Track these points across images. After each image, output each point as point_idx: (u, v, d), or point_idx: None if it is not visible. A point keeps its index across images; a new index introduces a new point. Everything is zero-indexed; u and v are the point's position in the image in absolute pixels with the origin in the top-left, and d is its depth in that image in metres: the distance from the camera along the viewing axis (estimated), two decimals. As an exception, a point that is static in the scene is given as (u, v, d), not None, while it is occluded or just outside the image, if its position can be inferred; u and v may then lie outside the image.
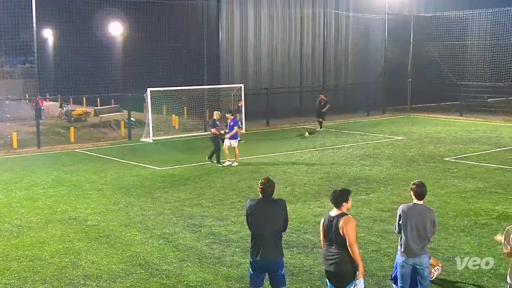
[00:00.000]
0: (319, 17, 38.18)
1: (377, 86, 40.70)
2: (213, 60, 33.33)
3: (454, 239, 12.62)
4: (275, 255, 8.19)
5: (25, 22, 27.56)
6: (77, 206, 15.54)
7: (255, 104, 33.20)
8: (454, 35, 40.22)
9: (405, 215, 8.62)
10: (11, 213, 14.88)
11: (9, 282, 10.32)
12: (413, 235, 8.52)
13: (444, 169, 20.27)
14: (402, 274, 8.77)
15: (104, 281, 10.34)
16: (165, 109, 33.04)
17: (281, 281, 8.26)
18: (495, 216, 14.43)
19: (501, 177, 18.93)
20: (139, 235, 13.00)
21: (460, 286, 10.14)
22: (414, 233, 8.52)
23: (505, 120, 34.96)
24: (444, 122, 34.76)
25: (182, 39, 35.80)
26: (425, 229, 8.53)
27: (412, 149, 24.63)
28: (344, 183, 18.14)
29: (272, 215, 8.15)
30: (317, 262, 11.19)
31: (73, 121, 33.43)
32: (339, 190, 8.12)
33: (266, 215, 8.15)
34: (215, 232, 13.16)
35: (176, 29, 36.44)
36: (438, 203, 15.64)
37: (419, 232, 8.52)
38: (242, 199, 16.04)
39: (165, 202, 15.89)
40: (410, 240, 8.52)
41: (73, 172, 20.31)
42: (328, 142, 26.86)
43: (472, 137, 28.26)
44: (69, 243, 12.50)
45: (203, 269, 10.93)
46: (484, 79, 39.87)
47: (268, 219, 8.15)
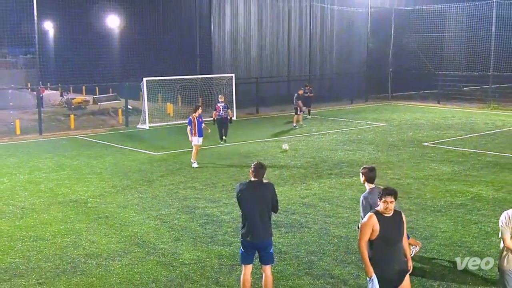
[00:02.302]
0: (305, 10, 38.09)
1: (360, 76, 40.76)
2: (205, 51, 33.22)
3: (431, 219, 12.71)
4: (265, 236, 8.21)
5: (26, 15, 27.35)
6: (77, 189, 15.51)
7: (245, 92, 33.24)
8: (432, 28, 40.30)
9: (367, 201, 8.65)
10: (15, 196, 14.84)
11: (14, 261, 10.31)
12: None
13: (423, 154, 20.36)
14: None
15: (104, 260, 10.35)
16: (160, 97, 32.96)
17: (269, 259, 8.32)
18: (469, 197, 14.53)
19: (475, 161, 19.04)
20: (136, 216, 13.00)
21: (437, 262, 10.21)
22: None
23: (479, 108, 35.12)
24: (422, 109, 34.88)
25: (176, 31, 35.67)
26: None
27: (393, 135, 24.72)
28: (329, 167, 18.22)
29: (261, 198, 8.14)
30: (303, 241, 11.26)
31: (73, 109, 33.32)
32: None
33: (256, 198, 8.16)
34: (208, 213, 13.18)
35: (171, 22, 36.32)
36: (416, 185, 15.73)
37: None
38: (233, 182, 16.06)
39: (161, 185, 15.89)
40: None
41: (74, 157, 20.25)
42: (314, 129, 26.90)
43: (449, 124, 28.39)
44: (70, 224, 12.50)
45: (197, 247, 10.95)
46: (460, 69, 40.03)
47: (258, 201, 8.15)
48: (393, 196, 7.15)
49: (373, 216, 7.19)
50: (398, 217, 7.27)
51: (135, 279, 9.48)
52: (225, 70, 33.74)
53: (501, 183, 15.75)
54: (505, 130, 26.13)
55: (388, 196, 7.13)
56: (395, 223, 7.21)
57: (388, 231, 7.14)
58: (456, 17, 41.04)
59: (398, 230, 7.21)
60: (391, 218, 7.20)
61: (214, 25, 33.91)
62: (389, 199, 7.13)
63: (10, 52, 51.87)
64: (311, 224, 12.37)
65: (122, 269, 9.91)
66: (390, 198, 7.14)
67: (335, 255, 10.54)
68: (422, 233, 11.68)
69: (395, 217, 7.24)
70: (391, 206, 7.13)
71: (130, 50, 39.01)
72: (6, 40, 35.66)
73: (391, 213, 7.19)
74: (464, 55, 40.93)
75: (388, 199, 7.13)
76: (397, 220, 7.23)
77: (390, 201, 7.12)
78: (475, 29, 38.75)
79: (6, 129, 26.59)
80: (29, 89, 37.33)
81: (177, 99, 33.52)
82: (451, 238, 11.41)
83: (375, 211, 7.23)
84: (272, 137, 24.55)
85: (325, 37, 39.74)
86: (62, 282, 9.38)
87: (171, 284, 9.27)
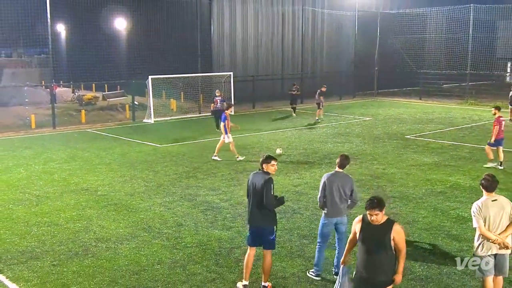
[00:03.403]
0: (298, 14, 37.96)
1: (348, 74, 40.70)
2: (206, 51, 33.10)
3: (413, 205, 12.75)
4: (262, 223, 8.12)
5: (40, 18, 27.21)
6: (88, 179, 15.49)
7: (242, 89, 33.17)
8: (415, 30, 40.32)
9: (329, 181, 8.71)
10: (31, 185, 14.82)
11: (30, 245, 10.31)
12: (337, 197, 8.64)
13: (406, 145, 20.40)
14: (323, 232, 8.91)
15: (113, 243, 10.35)
16: (164, 94, 32.86)
17: (269, 245, 8.19)
18: (448, 185, 14.58)
19: (454, 152, 19.09)
20: (142, 203, 13.00)
21: (418, 245, 10.25)
22: (337, 195, 8.64)
23: (457, 103, 35.16)
24: (405, 105, 34.89)
25: (179, 33, 35.57)
26: (345, 192, 8.66)
27: (378, 128, 24.73)
28: (320, 157, 18.23)
29: (258, 187, 8.05)
30: (296, 226, 11.28)
31: (84, 105, 33.20)
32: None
33: (254, 186, 8.11)
34: (208, 201, 13.19)
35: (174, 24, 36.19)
36: (400, 174, 15.77)
37: (340, 194, 8.64)
38: (232, 172, 16.07)
39: (165, 175, 15.88)
40: (335, 201, 8.62)
41: (85, 149, 20.22)
42: (306, 122, 26.89)
43: (430, 118, 28.42)
44: (81, 210, 12.49)
45: (198, 232, 10.97)
46: (440, 67, 40.09)
47: (255, 190, 8.09)
48: (375, 209, 6.30)
49: (358, 219, 6.60)
50: (385, 228, 6.36)
51: (141, 261, 9.49)
52: (224, 68, 33.65)
53: (477, 173, 15.79)
54: (481, 124, 26.17)
55: (369, 209, 6.33)
56: (379, 233, 6.35)
57: (366, 239, 6.42)
58: (437, 20, 41.09)
59: (378, 241, 6.33)
60: (377, 227, 6.36)
61: (214, 27, 33.82)
62: (372, 212, 6.32)
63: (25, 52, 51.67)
64: (303, 210, 12.40)
65: (129, 251, 9.92)
66: (373, 212, 6.31)
67: (325, 238, 10.55)
68: (405, 218, 11.72)
69: (382, 227, 6.37)
70: (376, 218, 6.31)
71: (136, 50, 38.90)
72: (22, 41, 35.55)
73: (379, 223, 6.37)
74: (443, 55, 41.00)
75: (371, 213, 6.34)
76: (383, 231, 6.34)
77: (374, 214, 6.31)
78: (454, 31, 38.80)
79: (22, 123, 26.51)
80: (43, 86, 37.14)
81: (180, 96, 33.53)
82: (431, 223, 11.46)
83: (365, 214, 6.50)
84: (267, 130, 24.53)
85: (316, 38, 39.67)
86: (74, 264, 9.39)
87: (174, 265, 9.29)
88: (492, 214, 7.27)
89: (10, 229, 11.20)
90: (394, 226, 6.35)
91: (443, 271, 9.01)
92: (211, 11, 33.56)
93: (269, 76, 36.83)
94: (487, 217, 7.29)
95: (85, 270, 9.13)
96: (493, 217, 7.28)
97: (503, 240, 7.24)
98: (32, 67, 48.54)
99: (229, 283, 8.58)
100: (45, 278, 8.80)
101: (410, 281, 8.61)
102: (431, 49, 42.52)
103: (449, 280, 8.69)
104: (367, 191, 13.88)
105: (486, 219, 7.30)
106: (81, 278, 8.79)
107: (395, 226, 6.37)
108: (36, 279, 8.77)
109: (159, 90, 30.81)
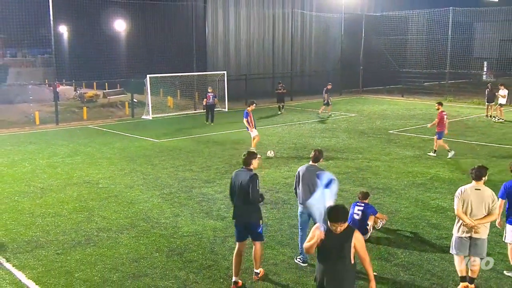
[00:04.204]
0: (288, 16, 37.89)
1: (335, 73, 40.68)
2: (201, 51, 33.00)
3: (396, 196, 12.80)
4: (248, 217, 7.98)
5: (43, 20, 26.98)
6: (90, 172, 15.44)
7: (235, 87, 33.14)
8: (397, 31, 40.35)
9: (303, 174, 8.73)
10: (36, 178, 14.75)
11: (35, 234, 10.27)
12: (307, 188, 8.60)
13: (389, 140, 20.46)
14: (301, 221, 8.99)
15: (113, 233, 10.33)
16: (162, 92, 32.79)
17: (257, 237, 8.10)
18: (429, 177, 14.65)
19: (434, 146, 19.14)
20: (141, 195, 12.98)
21: (400, 233, 10.30)
22: (307, 187, 8.61)
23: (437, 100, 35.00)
24: (389, 102, 34.98)
25: (175, 34, 35.40)
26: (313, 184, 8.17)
27: (363, 124, 24.78)
28: (308, 151, 18.23)
29: (243, 184, 7.85)
30: (286, 215, 11.31)
31: (86, 102, 33.07)
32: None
33: (240, 183, 7.91)
34: (203, 192, 13.18)
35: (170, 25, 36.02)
36: (383, 167, 15.82)
37: (309, 186, 8.53)
38: (226, 165, 16.06)
39: (163, 168, 15.85)
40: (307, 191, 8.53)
41: (86, 144, 20.13)
42: (295, 119, 26.90)
43: (411, 114, 28.51)
44: (84, 202, 12.45)
45: (194, 222, 10.96)
46: (421, 67, 40.18)
47: (240, 186, 7.89)
48: (340, 222, 5.61)
49: (317, 226, 5.88)
50: (346, 236, 5.71)
51: (140, 249, 9.48)
52: (218, 68, 33.57)
53: (455, 165, 15.88)
54: (459, 120, 26.30)
55: (334, 222, 5.63)
56: (340, 241, 5.69)
57: (326, 247, 5.77)
58: (418, 22, 41.17)
59: (338, 249, 5.69)
60: (338, 235, 5.68)
61: (208, 29, 33.72)
62: (336, 224, 5.63)
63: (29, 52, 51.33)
64: (293, 201, 12.41)
65: (129, 240, 9.91)
66: (337, 224, 5.62)
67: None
68: (388, 208, 11.77)
69: (343, 235, 5.69)
70: (340, 228, 5.64)
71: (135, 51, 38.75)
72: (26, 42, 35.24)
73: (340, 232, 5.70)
74: (424, 55, 41.12)
75: (335, 225, 5.64)
76: (343, 239, 5.69)
77: (339, 226, 5.63)
78: (434, 33, 38.92)
79: (27, 120, 26.35)
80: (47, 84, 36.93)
81: (176, 93, 33.42)
82: (413, 213, 11.52)
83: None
84: (259, 126, 24.42)
85: (305, 39, 39.65)
86: (77, 252, 9.37)
87: (172, 253, 9.28)
88: (471, 200, 7.50)
89: (16, 220, 11.15)
90: (355, 233, 5.77)
91: (424, 257, 9.06)
92: (206, 14, 33.47)
93: (261, 74, 36.78)
94: (465, 202, 7.52)
95: (87, 258, 9.11)
96: (471, 203, 7.51)
97: (475, 224, 7.45)
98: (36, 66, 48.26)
99: (224, 269, 8.59)
100: (50, 266, 8.78)
101: (393, 267, 8.66)
102: (413, 50, 42.61)
103: (429, 265, 8.75)
104: (353, 183, 13.92)
105: (464, 204, 7.52)
106: (84, 266, 8.78)
107: (356, 233, 5.79)
108: (41, 267, 8.74)
109: (156, 88, 30.73)
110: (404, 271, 8.54)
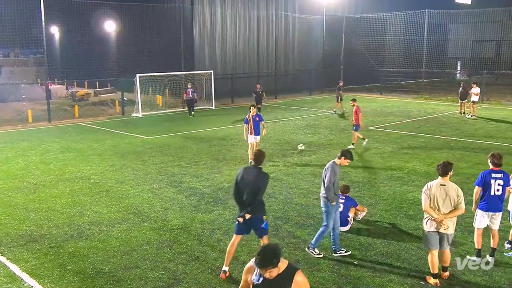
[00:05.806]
0: (272, 17, 37.87)
1: (317, 72, 40.82)
2: (188, 51, 32.86)
3: (375, 189, 12.89)
4: (254, 212, 7.82)
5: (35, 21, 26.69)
6: (82, 168, 15.31)
7: (222, 86, 33.06)
8: (376, 32, 40.59)
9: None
10: (29, 174, 14.59)
11: (28, 229, 10.17)
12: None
13: (368, 136, 20.53)
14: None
15: (105, 226, 10.27)
16: (151, 90, 32.57)
17: (261, 232, 8.01)
18: (406, 171, 14.77)
19: (411, 142, 19.33)
20: (132, 190, 12.91)
21: (379, 224, 10.37)
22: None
23: (414, 98, 35.56)
24: (368, 99, 35.15)
25: (164, 34, 35.20)
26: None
27: (344, 121, 24.89)
28: (292, 147, 18.29)
29: (253, 180, 7.81)
30: (271, 208, 11.32)
31: (77, 100, 32.78)
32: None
33: (249, 180, 7.85)
34: (192, 187, 13.15)
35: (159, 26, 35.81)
36: (363, 162, 15.91)
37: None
38: (213, 161, 16.04)
39: (152, 164, 15.78)
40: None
41: (78, 141, 19.96)
42: (279, 116, 26.93)
43: (389, 111, 28.70)
44: (76, 197, 12.35)
45: (183, 215, 10.94)
46: (399, 66, 40.43)
47: (250, 183, 7.82)
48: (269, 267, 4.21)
49: (249, 267, 4.53)
50: (284, 281, 4.30)
51: (131, 242, 9.43)
52: (205, 67, 33.45)
53: (431, 159, 16.04)
54: (434, 116, 26.54)
55: (262, 269, 4.24)
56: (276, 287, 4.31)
57: None
58: (395, 23, 41.41)
59: None
60: (273, 281, 4.29)
61: (196, 30, 33.57)
62: (265, 271, 4.24)
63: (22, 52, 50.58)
64: (277, 194, 12.45)
65: (120, 234, 9.85)
66: (267, 270, 4.23)
67: (297, 219, 10.63)
68: (368, 201, 11.85)
69: (280, 280, 4.29)
70: (271, 274, 4.25)
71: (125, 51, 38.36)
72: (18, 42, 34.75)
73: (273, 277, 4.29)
74: (401, 54, 41.39)
75: (263, 272, 4.26)
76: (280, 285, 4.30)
77: (269, 272, 4.24)
78: (411, 33, 39.20)
79: (20, 118, 26.03)
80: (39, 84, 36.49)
81: (165, 92, 33.30)
82: (391, 205, 11.61)
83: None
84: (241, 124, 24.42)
85: (288, 39, 39.66)
86: (70, 245, 9.29)
87: (162, 245, 9.25)
88: (437, 195, 7.51)
89: (10, 215, 11.02)
90: (296, 277, 4.33)
91: (401, 247, 9.14)
92: (193, 15, 33.30)
93: (246, 73, 36.72)
94: (432, 197, 7.54)
95: (80, 251, 9.04)
96: (438, 198, 7.51)
97: (442, 218, 7.47)
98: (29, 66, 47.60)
99: (212, 260, 8.59)
100: (43, 259, 8.70)
101: (373, 256, 8.73)
102: (391, 50, 42.86)
103: (407, 254, 8.83)
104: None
105: (431, 199, 7.54)
106: (76, 258, 8.71)
107: (297, 276, 4.33)
108: (34, 260, 8.66)
109: (146, 87, 30.55)
110: (383, 260, 8.61)
